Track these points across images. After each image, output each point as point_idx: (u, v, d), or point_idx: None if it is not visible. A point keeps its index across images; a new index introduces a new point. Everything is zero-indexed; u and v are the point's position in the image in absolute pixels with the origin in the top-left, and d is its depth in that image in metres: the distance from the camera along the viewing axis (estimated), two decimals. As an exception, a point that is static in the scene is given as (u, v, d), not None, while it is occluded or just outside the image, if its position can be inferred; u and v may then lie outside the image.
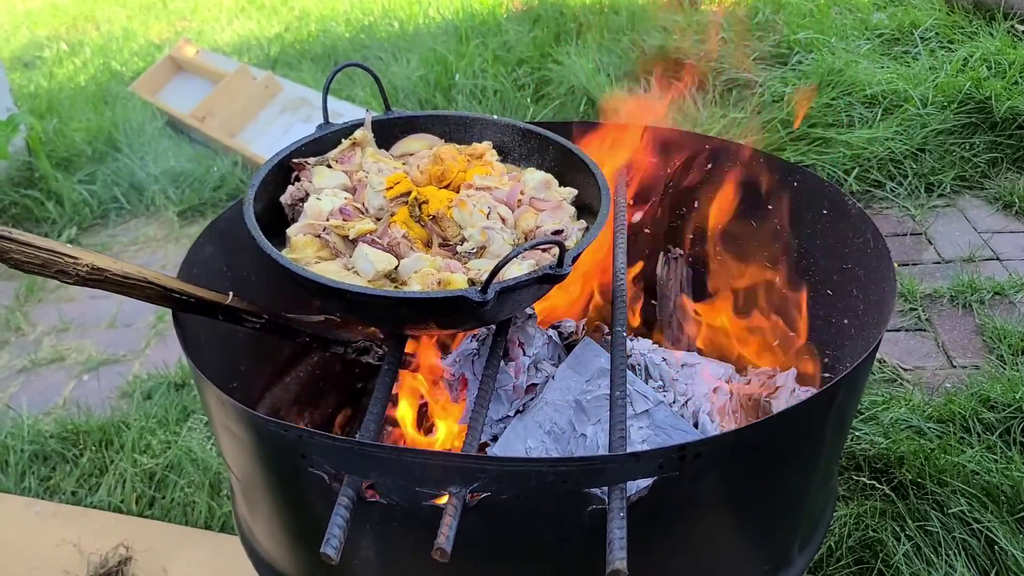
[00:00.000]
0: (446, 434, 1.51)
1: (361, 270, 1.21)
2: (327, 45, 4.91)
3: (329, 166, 1.38)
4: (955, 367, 2.40)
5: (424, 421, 1.50)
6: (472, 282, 1.18)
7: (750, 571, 1.28)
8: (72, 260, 1.13)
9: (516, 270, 1.15)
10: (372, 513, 1.09)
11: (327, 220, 1.26)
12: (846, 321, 1.49)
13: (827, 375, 1.53)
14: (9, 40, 6.11)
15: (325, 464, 1.07)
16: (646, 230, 1.78)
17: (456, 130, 1.49)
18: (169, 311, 1.29)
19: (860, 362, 1.15)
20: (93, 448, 2.23)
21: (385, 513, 1.09)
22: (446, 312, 1.15)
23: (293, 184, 1.35)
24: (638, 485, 1.08)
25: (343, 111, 3.50)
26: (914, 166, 3.18)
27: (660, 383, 1.49)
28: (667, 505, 1.10)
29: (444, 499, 1.02)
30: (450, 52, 4.07)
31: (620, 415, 1.14)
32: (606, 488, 1.02)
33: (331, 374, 1.82)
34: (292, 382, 1.77)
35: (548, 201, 1.32)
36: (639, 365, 1.51)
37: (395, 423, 1.59)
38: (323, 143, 1.42)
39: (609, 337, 1.55)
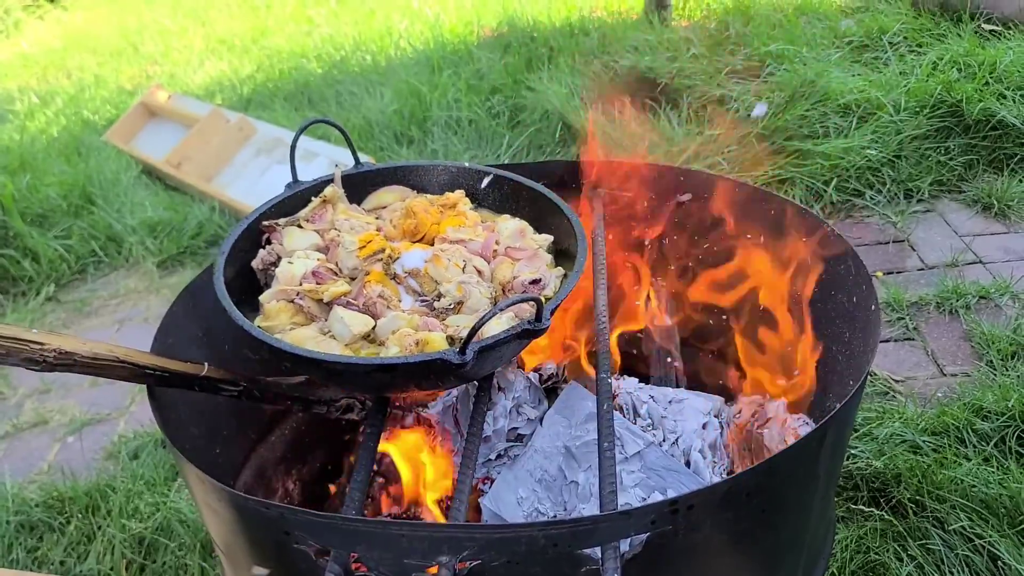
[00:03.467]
0: (437, 488, 1.49)
1: (338, 334, 1.18)
2: (299, 83, 4.90)
3: (300, 226, 1.36)
4: (946, 375, 2.39)
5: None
6: (451, 339, 1.16)
7: (752, 613, 1.26)
8: (39, 347, 1.10)
9: (495, 326, 1.13)
10: (362, 586, 1.07)
11: (300, 284, 1.24)
12: (833, 348, 1.47)
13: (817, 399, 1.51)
14: (-21, 94, 6.09)
15: (310, 540, 1.04)
16: (628, 264, 1.76)
17: (427, 179, 1.47)
18: None
19: (848, 398, 1.13)
20: (80, 515, 2.19)
21: (374, 585, 1.06)
22: (425, 375, 1.13)
23: (264, 248, 1.33)
24: (632, 542, 1.06)
25: (318, 150, 3.48)
26: (892, 173, 3.18)
27: (649, 421, 1.47)
28: (662, 559, 1.07)
29: (434, 570, 1.00)
30: (423, 84, 4.06)
31: (609, 467, 1.12)
32: (600, 549, 1.00)
33: (317, 429, 1.79)
34: (277, 440, 1.74)
35: (524, 250, 1.30)
36: (627, 404, 1.49)
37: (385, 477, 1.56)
38: (293, 202, 1.40)
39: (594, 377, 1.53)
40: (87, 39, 7.12)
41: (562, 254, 1.34)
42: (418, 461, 1.50)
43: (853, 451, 2.07)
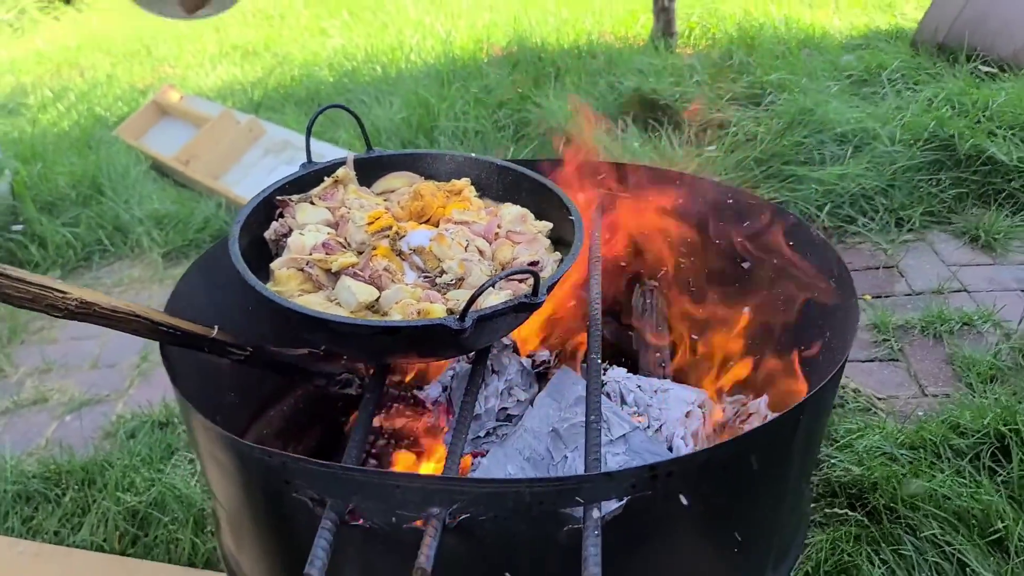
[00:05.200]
0: (430, 457, 1.55)
1: (344, 301, 1.25)
2: (310, 89, 5.00)
3: (312, 203, 1.43)
4: (927, 395, 2.45)
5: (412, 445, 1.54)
6: (451, 312, 1.22)
7: (725, 590, 1.31)
8: (61, 295, 1.16)
9: (493, 299, 1.20)
10: (354, 536, 1.12)
11: (310, 254, 1.30)
12: (815, 347, 1.54)
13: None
14: (-6, 87, 6.19)
15: (308, 489, 1.10)
16: (622, 264, 1.84)
17: (435, 168, 1.54)
18: (152, 351, 1.33)
19: (824, 384, 1.20)
20: (76, 487, 2.24)
21: (367, 535, 1.12)
22: (426, 341, 1.19)
23: (277, 220, 1.40)
24: (612, 505, 1.12)
25: (325, 152, 3.57)
26: (884, 201, 3.27)
27: (635, 409, 1.53)
28: (640, 524, 1.13)
29: (425, 522, 1.06)
30: (432, 95, 4.16)
31: (595, 438, 1.18)
32: (581, 507, 1.06)
33: (313, 408, 1.85)
34: (275, 416, 1.79)
35: (524, 234, 1.37)
36: (615, 392, 1.56)
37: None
38: (306, 181, 1.47)
39: (585, 364, 1.60)
40: (101, 40, 7.24)
41: (560, 243, 1.41)
42: (412, 437, 1.56)
43: (833, 460, 2.13)
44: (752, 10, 4.94)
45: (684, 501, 1.11)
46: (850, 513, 1.97)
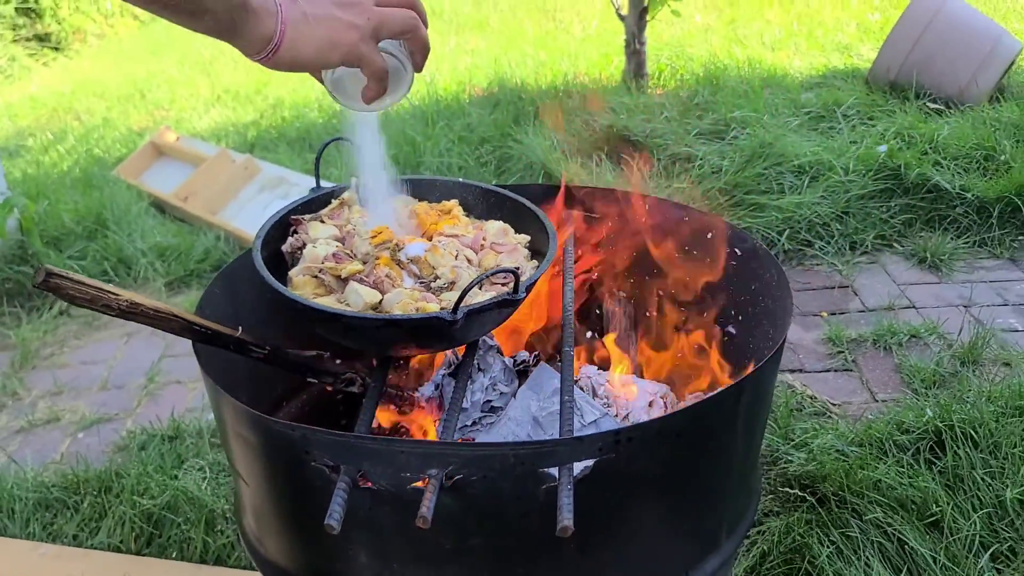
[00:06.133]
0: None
1: (352, 303, 1.46)
2: (301, 129, 5.25)
3: (322, 221, 1.65)
4: (877, 401, 2.68)
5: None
6: (444, 309, 1.44)
7: (684, 549, 1.51)
8: (114, 296, 1.37)
9: (480, 298, 1.42)
10: (364, 500, 1.32)
11: (322, 263, 1.52)
12: (762, 345, 1.76)
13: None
14: (-8, 131, 6.39)
15: (325, 457, 1.30)
16: (594, 276, 2.06)
17: (427, 191, 1.77)
18: (158, 374, 1.53)
19: (764, 362, 1.41)
20: (93, 494, 2.41)
21: (376, 498, 1.31)
22: (423, 332, 1.41)
23: (292, 236, 1.61)
24: (583, 465, 1.32)
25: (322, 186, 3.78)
26: (839, 227, 3.53)
27: (605, 400, 1.74)
28: (607, 483, 1.34)
29: (423, 483, 1.26)
30: (418, 134, 4.41)
31: (568, 413, 1.39)
32: (557, 468, 1.27)
33: (318, 411, 2.05)
34: (283, 417, 1.99)
35: (506, 245, 1.59)
36: (587, 386, 1.77)
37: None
38: (315, 203, 1.69)
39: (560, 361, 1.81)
40: (95, 84, 7.47)
41: (537, 252, 1.63)
42: (408, 426, 1.77)
43: (789, 456, 2.34)
44: (718, 52, 5.25)
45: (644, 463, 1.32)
46: (802, 502, 2.18)
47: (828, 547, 2.05)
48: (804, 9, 6.31)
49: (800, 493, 2.20)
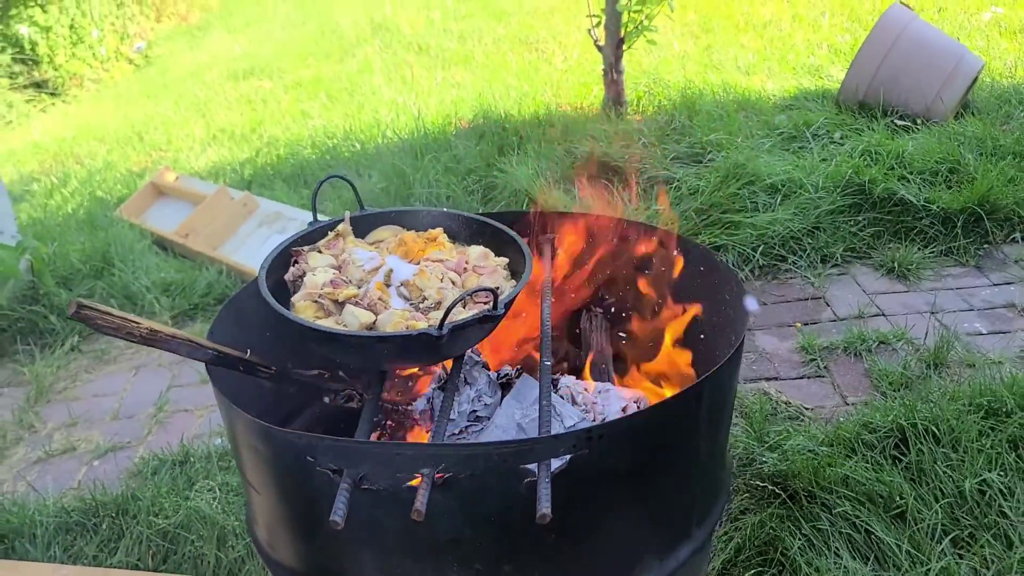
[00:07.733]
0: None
1: (348, 324, 1.63)
2: (296, 166, 5.44)
3: (320, 251, 1.82)
4: (848, 404, 2.84)
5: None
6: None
7: (657, 539, 1.67)
8: (136, 324, 1.53)
9: (464, 315, 1.58)
10: (365, 500, 1.47)
11: (322, 289, 1.69)
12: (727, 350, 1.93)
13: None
14: (-3, 177, 6.58)
15: (329, 462, 1.45)
16: (572, 294, 2.23)
17: (415, 221, 1.94)
18: (166, 403, 1.68)
19: (721, 365, 1.58)
20: (111, 516, 2.55)
21: (375, 498, 1.47)
22: (413, 347, 1.57)
23: (293, 266, 1.78)
24: (559, 461, 1.48)
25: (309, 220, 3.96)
26: (811, 241, 3.71)
27: (584, 406, 1.90)
28: (582, 478, 1.49)
29: (416, 481, 1.42)
30: (407, 167, 4.59)
31: (546, 415, 1.55)
32: (536, 464, 1.42)
33: (320, 427, 2.20)
34: (290, 435, 2.15)
35: (486, 267, 1.76)
36: (567, 394, 1.93)
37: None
38: (313, 236, 1.86)
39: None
40: (95, 129, 7.68)
41: (515, 273, 1.80)
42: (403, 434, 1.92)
43: (763, 458, 2.50)
44: (693, 78, 5.46)
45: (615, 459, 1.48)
46: (775, 498, 2.33)
47: (799, 539, 2.20)
48: (776, 33, 6.54)
49: (773, 488, 2.35)
